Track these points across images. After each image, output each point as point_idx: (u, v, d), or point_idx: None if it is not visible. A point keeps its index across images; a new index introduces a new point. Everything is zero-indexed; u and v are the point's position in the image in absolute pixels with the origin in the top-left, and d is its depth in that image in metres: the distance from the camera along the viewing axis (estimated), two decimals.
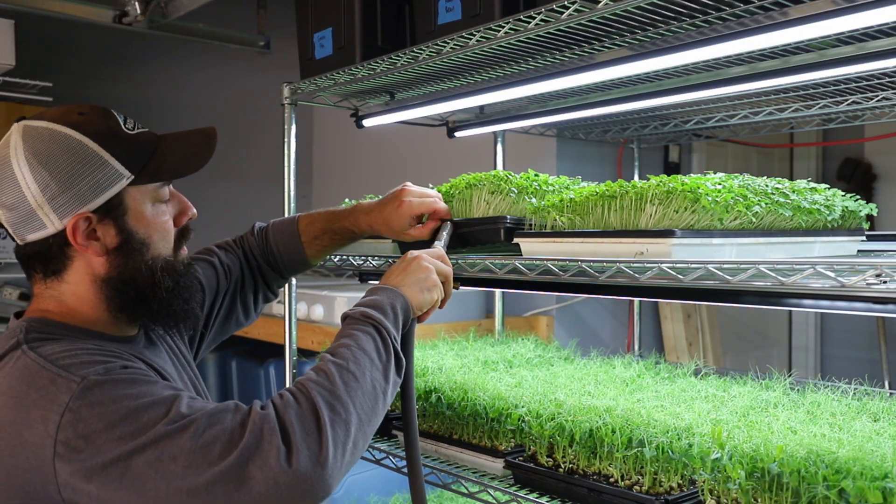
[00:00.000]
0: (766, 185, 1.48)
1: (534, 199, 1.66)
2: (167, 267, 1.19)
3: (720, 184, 1.37)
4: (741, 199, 1.35)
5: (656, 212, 1.32)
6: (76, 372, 1.00)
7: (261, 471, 0.96)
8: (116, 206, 1.13)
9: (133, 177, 1.14)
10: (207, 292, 1.50)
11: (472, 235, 1.61)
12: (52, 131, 1.10)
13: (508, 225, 1.56)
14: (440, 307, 1.39)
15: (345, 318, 1.22)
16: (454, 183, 1.75)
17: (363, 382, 1.09)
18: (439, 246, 1.49)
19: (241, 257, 1.60)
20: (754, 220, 1.37)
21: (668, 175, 1.36)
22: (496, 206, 1.66)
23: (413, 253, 1.39)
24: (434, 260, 1.38)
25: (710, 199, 1.29)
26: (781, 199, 1.44)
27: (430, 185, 1.71)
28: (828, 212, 1.52)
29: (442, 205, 1.60)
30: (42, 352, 1.03)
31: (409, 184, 1.60)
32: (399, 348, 1.21)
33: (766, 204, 1.39)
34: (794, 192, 1.50)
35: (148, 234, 1.17)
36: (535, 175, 1.71)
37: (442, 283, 1.37)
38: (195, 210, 1.27)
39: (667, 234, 1.26)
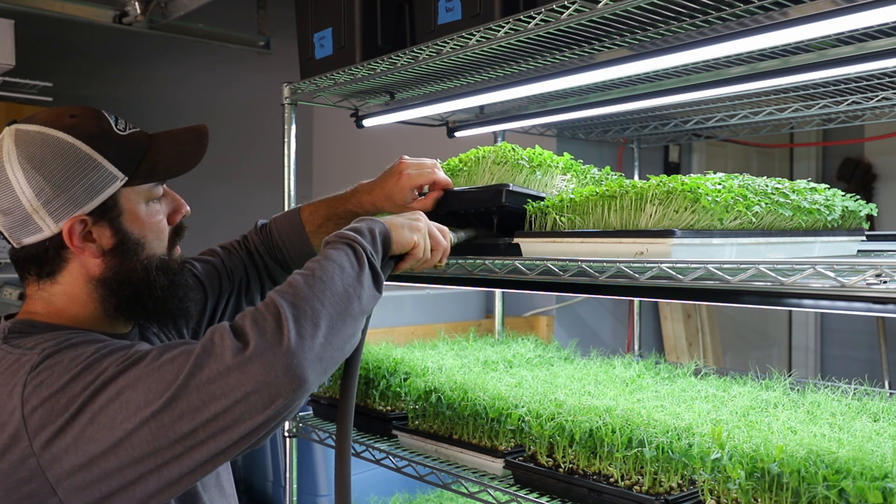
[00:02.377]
0: (766, 185, 1.48)
1: (539, 173, 1.65)
2: (162, 266, 1.19)
3: (720, 184, 1.37)
4: (741, 199, 1.35)
5: (656, 212, 1.32)
6: (37, 348, 1.03)
7: (218, 371, 0.94)
8: (111, 207, 1.13)
9: (127, 178, 1.14)
10: (210, 293, 1.48)
11: (475, 201, 1.58)
12: (44, 135, 1.10)
13: (511, 190, 1.53)
14: (435, 265, 1.36)
15: (324, 244, 1.19)
16: (462, 157, 1.74)
17: (331, 285, 1.07)
18: (450, 231, 1.45)
19: (245, 257, 1.58)
20: (754, 220, 1.37)
21: (668, 175, 1.36)
22: (500, 176, 1.65)
23: None
24: (432, 223, 1.36)
25: (710, 199, 1.29)
26: (781, 199, 1.44)
27: (439, 161, 1.70)
28: (828, 212, 1.52)
29: (440, 173, 1.57)
30: (13, 342, 1.06)
31: (405, 156, 1.58)
32: (376, 264, 1.18)
33: (766, 204, 1.39)
34: (794, 192, 1.50)
35: (143, 233, 1.17)
36: (541, 153, 1.70)
37: (432, 249, 1.35)
38: (189, 207, 1.27)
39: (667, 234, 1.26)
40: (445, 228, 1.40)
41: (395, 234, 1.26)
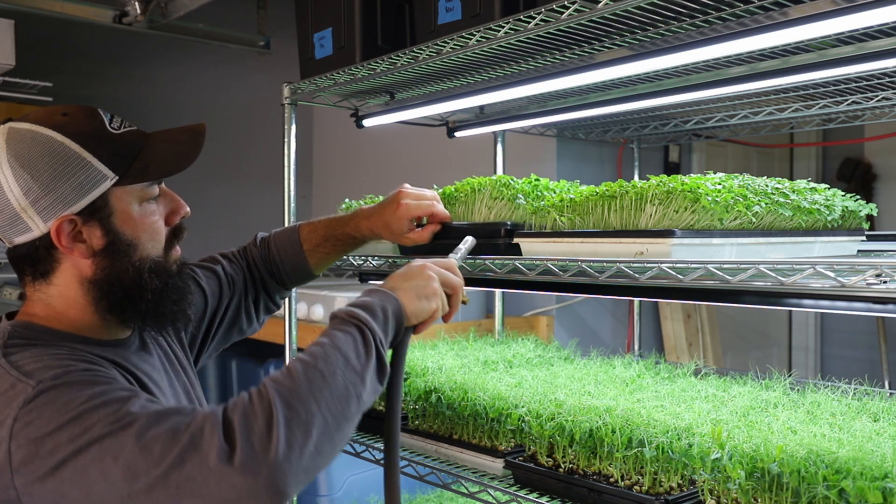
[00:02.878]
0: (766, 185, 1.48)
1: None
2: (156, 268, 1.17)
3: (720, 184, 1.37)
4: (741, 199, 1.35)
5: (656, 212, 1.32)
6: (34, 377, 0.99)
7: (200, 472, 0.90)
8: (101, 207, 1.11)
9: (117, 177, 1.12)
10: (210, 300, 1.48)
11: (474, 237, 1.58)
12: (34, 134, 1.09)
13: (508, 229, 1.55)
14: (444, 320, 1.32)
15: (332, 317, 1.14)
16: (457, 186, 1.75)
17: (332, 382, 1.01)
18: (454, 258, 1.39)
19: (245, 268, 1.58)
20: (754, 219, 1.37)
21: (668, 175, 1.35)
22: (498, 211, 1.66)
23: (419, 260, 1.31)
24: (441, 269, 1.29)
25: (710, 199, 1.29)
26: (781, 199, 1.44)
27: (435, 187, 1.70)
28: (828, 212, 1.52)
29: (440, 207, 1.57)
30: (12, 358, 1.03)
31: (406, 185, 1.59)
32: (384, 352, 1.12)
33: (766, 204, 1.39)
34: (794, 191, 1.50)
35: (135, 234, 1.15)
36: (536, 180, 1.71)
37: (448, 295, 1.29)
38: (188, 208, 1.25)
39: (667, 234, 1.26)
40: (452, 262, 1.33)
41: (410, 309, 1.21)
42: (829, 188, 1.60)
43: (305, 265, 1.60)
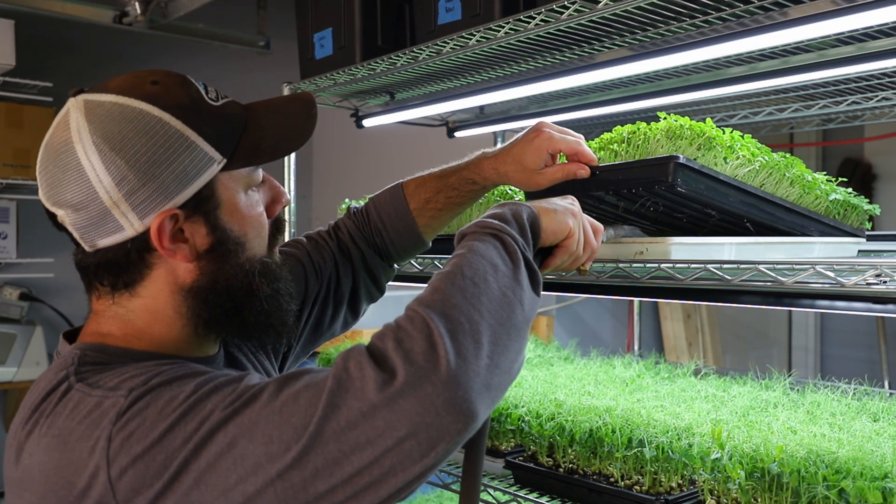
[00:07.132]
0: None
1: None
2: (265, 270, 0.97)
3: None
4: (747, 147, 1.32)
5: (662, 148, 1.29)
6: (122, 388, 0.81)
7: (361, 411, 0.73)
8: (207, 198, 0.91)
9: (225, 160, 0.92)
10: (296, 297, 1.19)
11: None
12: (122, 107, 0.89)
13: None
14: (579, 272, 1.12)
15: (460, 236, 0.95)
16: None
17: (486, 288, 0.84)
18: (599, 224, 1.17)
19: (336, 249, 1.32)
20: (759, 170, 1.33)
21: None
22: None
23: None
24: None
25: (715, 132, 1.26)
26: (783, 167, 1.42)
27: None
28: (826, 193, 1.51)
29: (585, 147, 1.26)
30: (90, 381, 0.84)
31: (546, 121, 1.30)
32: (531, 259, 0.94)
33: (770, 161, 1.35)
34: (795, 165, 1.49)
35: (243, 230, 0.95)
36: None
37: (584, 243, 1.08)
38: (288, 195, 1.07)
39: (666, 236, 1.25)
40: (599, 225, 1.14)
41: (546, 220, 1.01)
42: (831, 179, 1.61)
43: (414, 228, 1.31)
